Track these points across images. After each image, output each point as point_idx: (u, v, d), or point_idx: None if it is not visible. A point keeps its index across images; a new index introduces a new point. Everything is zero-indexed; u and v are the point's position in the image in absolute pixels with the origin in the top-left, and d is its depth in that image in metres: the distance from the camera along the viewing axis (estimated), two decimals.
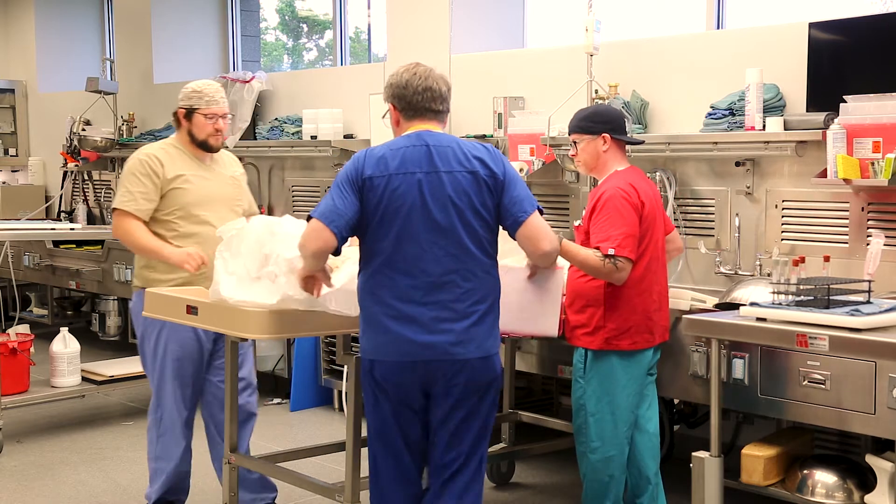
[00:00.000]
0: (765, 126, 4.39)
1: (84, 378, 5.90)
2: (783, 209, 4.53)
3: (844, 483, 3.76)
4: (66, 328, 5.89)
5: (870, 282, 3.63)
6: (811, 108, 4.35)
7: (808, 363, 3.55)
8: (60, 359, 5.79)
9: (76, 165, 8.13)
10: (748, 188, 4.63)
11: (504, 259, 3.38)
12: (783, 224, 4.54)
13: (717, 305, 4.15)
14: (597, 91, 4.97)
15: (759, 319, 3.52)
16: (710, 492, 3.69)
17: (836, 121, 4.10)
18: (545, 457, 5.06)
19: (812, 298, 3.55)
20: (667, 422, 4.55)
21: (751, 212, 4.64)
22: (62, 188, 8.61)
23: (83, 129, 8.08)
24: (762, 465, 3.84)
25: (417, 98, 3.19)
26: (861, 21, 4.35)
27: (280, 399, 6.41)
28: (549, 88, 5.34)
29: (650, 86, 5.00)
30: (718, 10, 5.21)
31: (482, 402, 3.20)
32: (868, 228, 4.24)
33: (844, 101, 4.09)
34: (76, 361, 5.85)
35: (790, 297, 3.59)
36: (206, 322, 3.63)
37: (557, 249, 3.29)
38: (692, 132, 4.73)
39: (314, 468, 4.64)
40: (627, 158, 3.89)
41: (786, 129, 4.35)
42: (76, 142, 8.00)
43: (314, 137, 6.47)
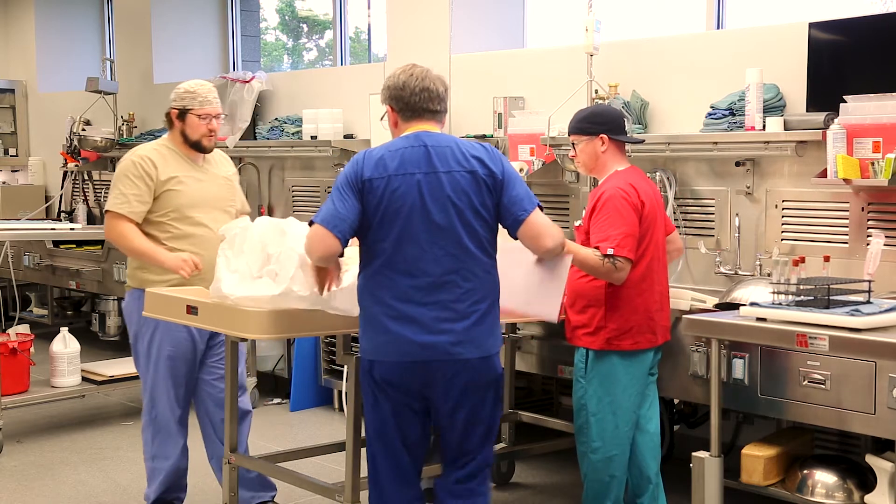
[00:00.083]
0: (765, 126, 4.39)
1: (84, 378, 5.90)
2: (783, 209, 4.53)
3: (844, 483, 3.76)
4: (66, 328, 5.88)
5: (870, 282, 3.63)
6: (811, 108, 4.35)
7: (808, 363, 3.55)
8: (60, 359, 5.79)
9: (76, 165, 8.12)
10: (748, 188, 4.63)
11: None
12: (783, 224, 4.54)
13: (717, 305, 4.15)
14: (597, 91, 4.97)
15: (759, 319, 3.53)
16: (710, 492, 3.69)
17: (836, 121, 4.10)
18: (545, 457, 5.06)
19: (812, 298, 3.55)
20: (667, 422, 4.55)
21: (751, 212, 4.64)
22: (62, 188, 8.61)
23: (83, 129, 8.08)
24: (762, 465, 3.83)
25: (415, 99, 3.19)
26: (861, 21, 4.35)
27: (280, 399, 6.40)
28: (549, 88, 5.34)
29: (650, 86, 5.00)
30: (718, 10, 5.21)
31: (484, 402, 3.20)
32: (868, 228, 4.24)
33: (844, 101, 4.09)
34: (76, 361, 5.85)
35: (790, 297, 3.59)
36: (206, 322, 3.62)
37: (560, 244, 3.25)
38: (692, 132, 4.73)
39: (314, 468, 4.63)
40: (628, 158, 3.90)
41: (786, 129, 4.35)
42: (76, 142, 8.00)
43: (314, 137, 6.47)
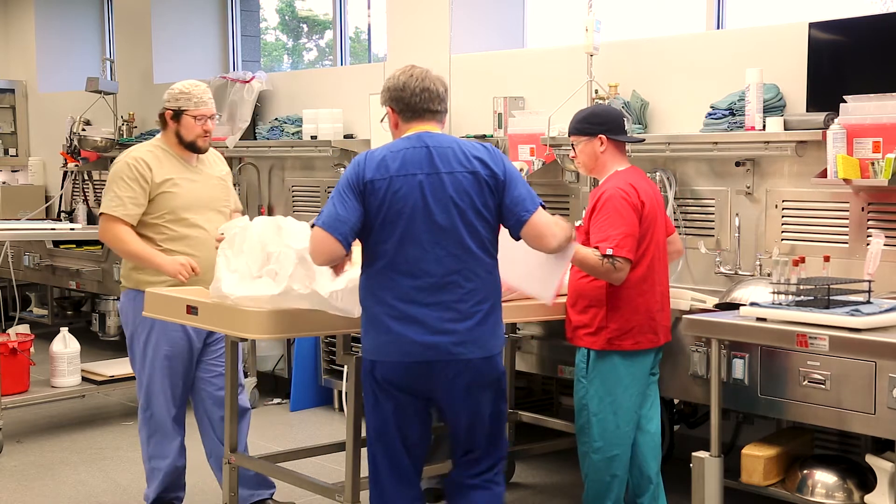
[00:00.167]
0: (765, 126, 4.39)
1: (84, 378, 5.90)
2: (783, 209, 4.53)
3: (844, 483, 3.76)
4: (66, 328, 5.88)
5: (870, 282, 3.63)
6: (811, 108, 4.35)
7: (808, 363, 3.54)
8: (60, 359, 5.79)
9: (76, 165, 8.12)
10: (748, 188, 4.63)
11: None
12: (783, 224, 4.54)
13: (717, 305, 4.15)
14: (597, 91, 4.97)
15: (759, 319, 3.53)
16: (710, 492, 3.69)
17: (836, 121, 4.10)
18: (545, 457, 5.06)
19: (812, 298, 3.55)
20: (667, 422, 4.55)
21: (751, 212, 4.64)
22: (62, 188, 8.61)
23: (83, 129, 8.07)
24: (762, 465, 3.83)
25: (415, 99, 3.19)
26: (861, 21, 4.35)
27: (280, 399, 6.40)
28: (549, 88, 5.34)
29: (650, 86, 5.00)
30: (718, 10, 5.21)
31: (487, 401, 3.20)
32: (868, 228, 4.24)
33: (844, 101, 4.09)
34: (76, 361, 5.85)
35: (790, 297, 3.59)
36: (206, 322, 3.62)
37: (565, 242, 3.24)
38: (692, 132, 4.73)
39: (314, 468, 4.63)
40: (628, 158, 3.89)
41: (786, 129, 4.35)
42: (76, 142, 7.99)
43: (314, 137, 6.47)
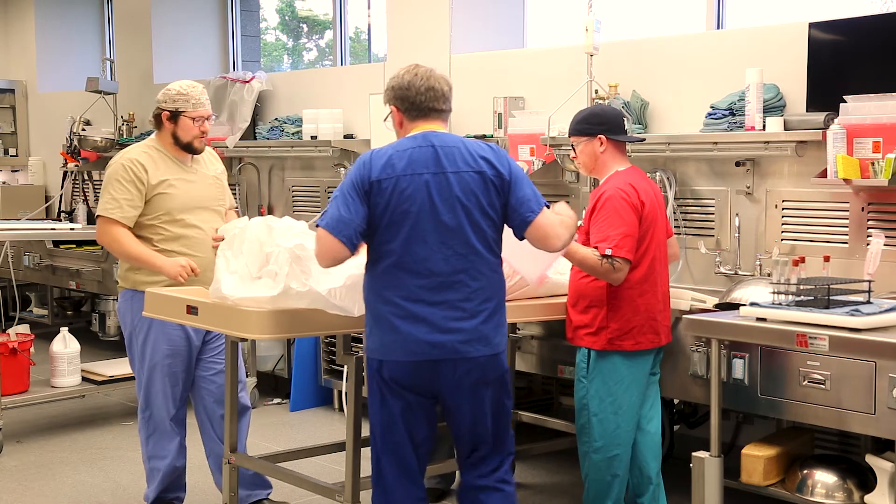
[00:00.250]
0: (765, 126, 4.39)
1: (84, 378, 5.90)
2: (783, 209, 4.53)
3: (844, 483, 3.76)
4: (66, 328, 5.88)
5: (870, 282, 3.63)
6: (811, 108, 4.35)
7: (808, 363, 3.54)
8: (60, 359, 5.79)
9: (76, 165, 8.12)
10: (748, 188, 4.63)
11: None
12: (783, 224, 4.54)
13: (717, 305, 4.15)
14: (597, 91, 4.97)
15: (759, 319, 3.53)
16: (710, 492, 3.69)
17: (836, 121, 4.10)
18: (545, 457, 5.05)
19: (812, 298, 3.55)
20: (667, 422, 4.55)
21: (751, 212, 4.64)
22: (62, 188, 8.61)
23: (83, 129, 8.07)
24: (762, 465, 3.83)
25: (421, 98, 3.19)
26: (861, 21, 4.35)
27: (280, 399, 6.40)
28: (549, 88, 5.34)
29: (650, 86, 5.00)
30: (718, 10, 5.21)
31: (493, 397, 3.21)
32: (868, 228, 4.24)
33: (844, 101, 4.09)
34: (76, 361, 5.85)
35: (790, 297, 3.59)
36: (206, 322, 3.62)
37: (569, 241, 3.28)
38: (692, 132, 4.73)
39: (314, 468, 4.63)
40: (629, 158, 3.89)
41: (786, 129, 4.35)
42: (76, 142, 7.99)
43: (314, 137, 6.47)
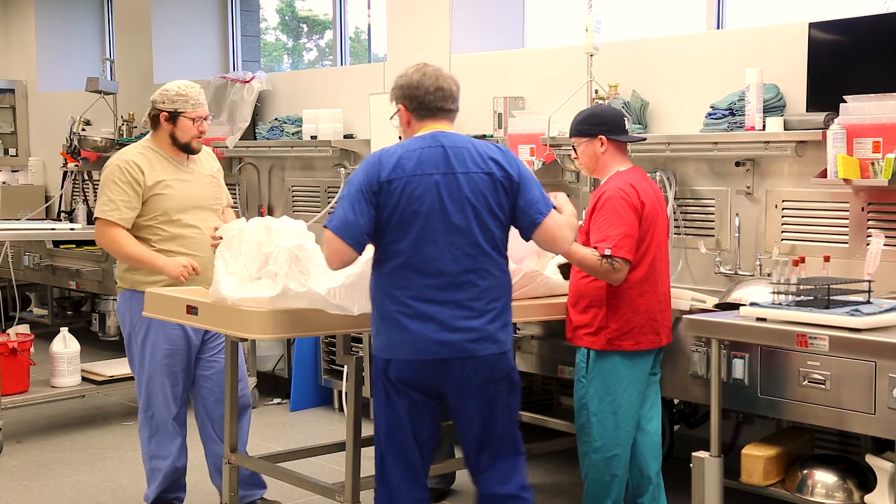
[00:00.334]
0: (765, 126, 4.39)
1: (84, 378, 5.90)
2: (783, 209, 4.53)
3: (844, 483, 3.76)
4: (66, 328, 5.88)
5: (870, 282, 3.63)
6: (811, 108, 4.35)
7: (808, 363, 3.54)
8: (60, 359, 5.79)
9: (76, 165, 8.11)
10: (748, 188, 4.63)
11: None
12: (783, 224, 4.54)
13: (717, 305, 4.14)
14: (597, 91, 4.97)
15: (759, 319, 3.53)
16: (710, 492, 3.69)
17: (836, 121, 4.10)
18: (545, 457, 5.05)
19: (812, 298, 3.55)
20: (667, 422, 4.55)
21: (751, 212, 4.64)
22: (62, 188, 8.60)
23: (83, 129, 8.07)
24: (762, 465, 3.83)
25: (430, 98, 3.19)
26: (861, 21, 4.35)
27: (280, 399, 6.40)
28: (549, 88, 5.34)
29: (650, 86, 5.00)
30: (718, 10, 5.21)
31: (501, 395, 3.21)
32: (868, 228, 4.24)
33: (844, 101, 4.09)
34: (76, 361, 5.85)
35: (790, 297, 3.59)
36: (206, 322, 3.62)
37: (573, 242, 3.36)
38: (692, 132, 4.73)
39: (314, 468, 4.63)
40: (630, 158, 3.89)
41: (786, 129, 4.35)
42: (76, 142, 7.99)
43: (314, 137, 6.47)
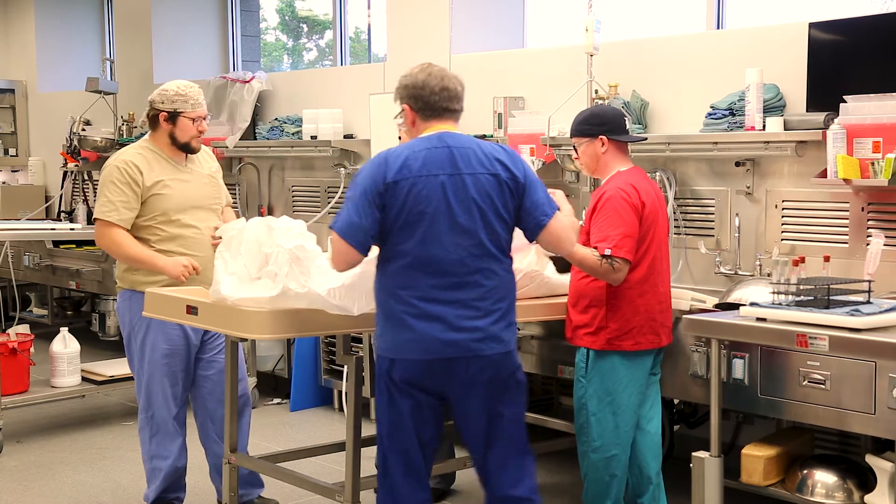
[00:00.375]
0: (765, 126, 4.39)
1: (84, 378, 5.90)
2: (783, 209, 4.53)
3: (844, 483, 3.76)
4: (66, 328, 5.88)
5: (870, 282, 3.63)
6: (811, 108, 4.35)
7: (808, 363, 3.54)
8: (60, 359, 5.79)
9: (76, 165, 8.11)
10: (748, 188, 4.63)
11: None
12: (783, 224, 4.54)
13: (717, 305, 4.14)
14: (597, 91, 4.97)
15: (759, 319, 3.53)
16: (710, 492, 3.69)
17: (836, 121, 4.10)
18: (545, 457, 5.05)
19: (812, 298, 3.55)
20: (667, 422, 4.55)
21: (751, 212, 4.64)
22: (62, 188, 8.60)
23: (83, 129, 8.07)
24: (762, 465, 3.83)
25: (435, 98, 3.20)
26: (861, 21, 4.35)
27: (280, 399, 6.40)
28: (549, 88, 5.34)
29: (650, 86, 5.00)
30: (718, 10, 5.21)
31: (506, 394, 3.22)
32: (868, 228, 4.24)
33: (844, 101, 4.09)
34: (76, 361, 5.85)
35: (790, 297, 3.59)
36: (206, 322, 3.62)
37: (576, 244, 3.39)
38: (692, 132, 4.73)
39: (314, 468, 4.63)
40: (630, 158, 3.89)
41: (786, 129, 4.35)
42: (76, 142, 7.99)
43: (314, 137, 6.47)
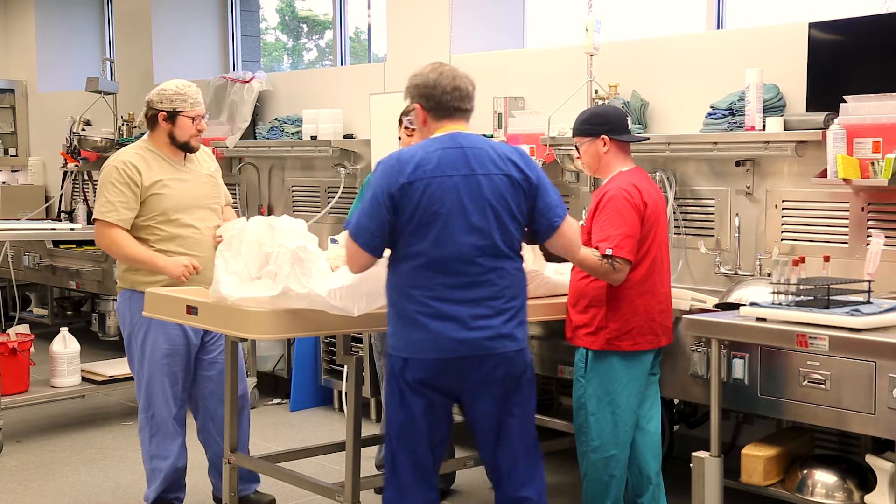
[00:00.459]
0: (765, 126, 4.39)
1: (84, 378, 5.90)
2: (783, 209, 4.53)
3: (844, 483, 3.76)
4: (66, 328, 5.88)
5: (870, 282, 3.63)
6: (811, 108, 4.35)
7: (808, 363, 3.54)
8: (60, 359, 5.78)
9: (76, 165, 8.11)
10: (748, 188, 4.63)
11: None
12: (783, 224, 4.54)
13: (717, 305, 4.15)
14: (597, 91, 4.97)
15: (759, 319, 3.53)
16: (710, 492, 3.69)
17: (836, 121, 4.10)
18: (545, 457, 4.99)
19: (812, 298, 3.55)
20: (667, 422, 4.55)
21: (751, 212, 4.64)
22: (62, 188, 8.60)
23: (83, 129, 8.07)
24: (762, 465, 3.83)
25: (447, 98, 3.20)
26: (861, 21, 4.35)
27: (280, 399, 6.40)
28: (549, 88, 5.34)
29: (650, 86, 5.00)
30: (718, 10, 5.21)
31: (518, 392, 3.23)
32: (868, 228, 4.24)
33: (844, 101, 4.09)
34: (76, 361, 5.85)
35: (790, 297, 3.59)
36: (206, 322, 3.62)
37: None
38: (692, 132, 4.73)
39: (314, 468, 4.63)
40: (632, 159, 3.88)
41: (786, 129, 4.35)
42: (76, 142, 7.99)
43: (314, 137, 6.47)
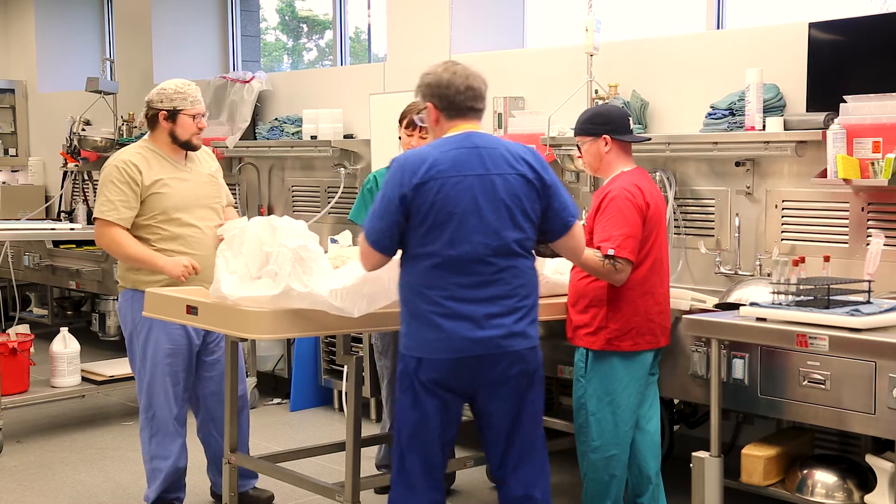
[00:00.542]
0: (765, 126, 4.39)
1: (84, 378, 5.90)
2: (783, 209, 4.53)
3: (844, 483, 3.76)
4: (66, 328, 5.88)
5: (870, 282, 3.63)
6: (811, 108, 4.35)
7: (808, 363, 3.54)
8: (60, 359, 5.78)
9: (76, 165, 8.11)
10: (748, 188, 4.63)
11: None
12: (783, 224, 4.54)
13: (717, 305, 4.15)
14: (597, 91, 4.97)
15: (759, 319, 3.53)
16: (710, 492, 3.69)
17: (836, 121, 4.10)
18: None
19: (812, 298, 3.55)
20: (667, 422, 4.55)
21: (751, 212, 4.64)
22: (62, 188, 8.60)
23: (83, 129, 8.07)
24: (762, 465, 3.84)
25: (460, 97, 3.20)
26: (861, 21, 4.35)
27: (280, 399, 6.40)
28: (549, 88, 5.34)
29: (650, 86, 5.00)
30: (718, 10, 5.21)
31: (531, 391, 3.24)
32: (868, 228, 4.24)
33: (844, 101, 4.09)
34: (76, 361, 5.84)
35: (790, 297, 3.59)
36: (206, 322, 3.62)
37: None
38: (692, 132, 4.73)
39: (314, 468, 4.63)
40: (633, 159, 3.88)
41: (786, 129, 4.35)
42: (76, 142, 7.98)
43: (314, 137, 6.47)
